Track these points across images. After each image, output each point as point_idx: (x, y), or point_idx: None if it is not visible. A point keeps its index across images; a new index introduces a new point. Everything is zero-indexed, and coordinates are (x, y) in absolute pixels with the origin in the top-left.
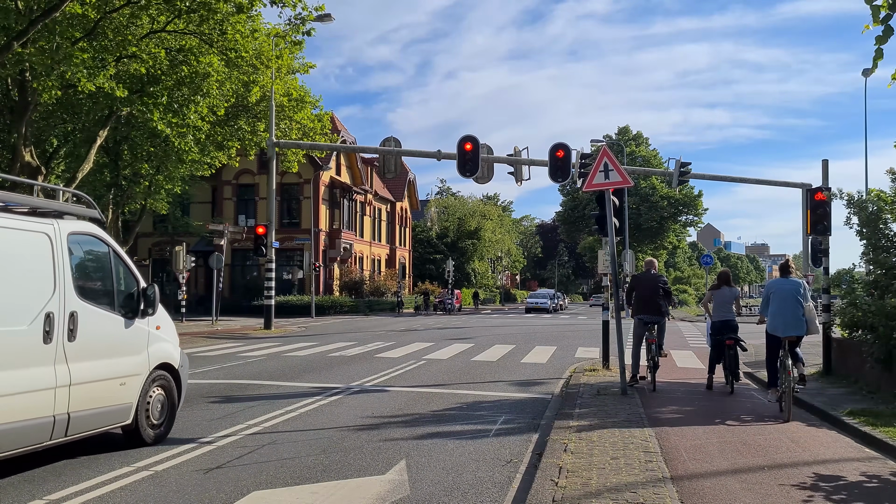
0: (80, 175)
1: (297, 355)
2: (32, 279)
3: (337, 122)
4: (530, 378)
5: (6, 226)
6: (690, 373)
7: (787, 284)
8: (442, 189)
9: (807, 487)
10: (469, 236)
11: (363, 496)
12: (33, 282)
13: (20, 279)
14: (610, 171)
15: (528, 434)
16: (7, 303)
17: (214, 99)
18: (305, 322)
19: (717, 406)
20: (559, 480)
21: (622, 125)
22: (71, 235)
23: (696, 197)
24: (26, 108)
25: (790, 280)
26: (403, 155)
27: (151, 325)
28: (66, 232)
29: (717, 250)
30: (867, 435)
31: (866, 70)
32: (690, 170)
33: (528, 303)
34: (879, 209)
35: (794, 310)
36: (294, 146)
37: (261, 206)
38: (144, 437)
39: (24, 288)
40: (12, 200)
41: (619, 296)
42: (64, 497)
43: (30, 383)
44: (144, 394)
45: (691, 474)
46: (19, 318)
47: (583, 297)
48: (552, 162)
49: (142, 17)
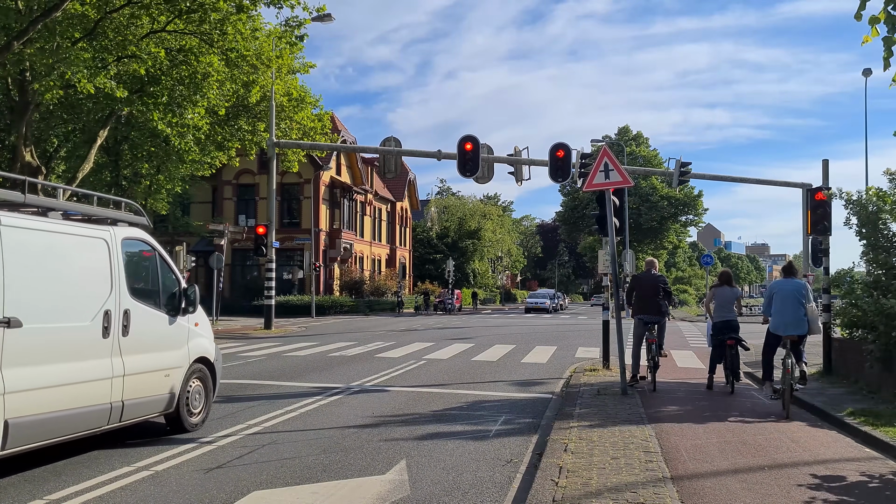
0: (81, 175)
1: (298, 355)
2: (93, 280)
3: (337, 122)
4: (531, 378)
5: (72, 232)
6: (691, 373)
7: (789, 285)
8: (442, 189)
9: (807, 487)
10: (469, 236)
11: (363, 496)
12: (94, 282)
13: (83, 280)
14: (610, 170)
15: (528, 434)
16: (73, 301)
17: (214, 99)
18: (306, 322)
19: (717, 406)
20: (559, 480)
21: (622, 125)
22: (124, 240)
23: (696, 197)
24: (26, 108)
25: (793, 281)
26: (403, 155)
27: (191, 322)
28: (120, 237)
29: (717, 250)
30: (867, 435)
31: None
32: (690, 170)
33: (528, 303)
34: (879, 209)
35: (796, 310)
36: (294, 146)
37: (261, 206)
38: (185, 424)
39: (86, 288)
40: (72, 209)
41: (620, 296)
42: (64, 497)
43: (92, 373)
44: (185, 385)
45: (692, 474)
46: (83, 315)
47: (583, 297)
48: (552, 162)
49: (142, 17)
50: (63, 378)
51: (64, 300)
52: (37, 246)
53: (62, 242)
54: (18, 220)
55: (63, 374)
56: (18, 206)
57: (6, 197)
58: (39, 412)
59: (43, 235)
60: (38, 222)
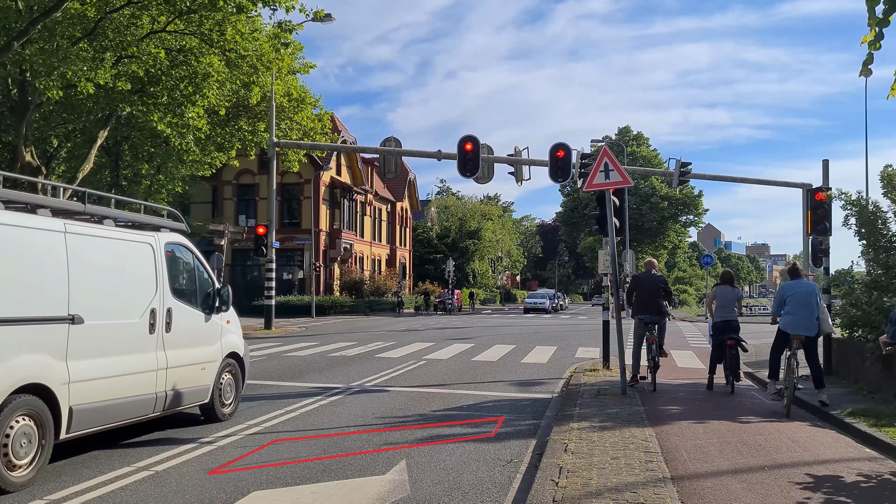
0: (81, 175)
1: (298, 355)
2: (141, 281)
3: (337, 122)
4: (531, 378)
5: (123, 238)
6: (691, 373)
7: (803, 287)
8: (442, 189)
9: (807, 487)
10: (469, 236)
11: (363, 496)
12: (141, 283)
13: (133, 281)
14: (610, 170)
15: (528, 434)
16: (124, 300)
17: (214, 99)
18: (306, 322)
19: (717, 406)
20: (559, 480)
21: (622, 125)
22: (166, 245)
23: (696, 197)
24: (26, 108)
25: (806, 282)
26: (404, 155)
27: (223, 319)
28: (163, 242)
29: (717, 250)
30: (867, 435)
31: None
32: (691, 170)
33: (527, 303)
34: (877, 209)
35: (811, 312)
36: (294, 146)
37: (261, 206)
38: (219, 414)
39: (135, 288)
40: (122, 217)
41: (620, 296)
42: (64, 497)
43: (141, 365)
44: (218, 377)
45: (692, 474)
46: (133, 313)
47: (583, 297)
48: (552, 162)
49: (142, 17)
50: (117, 370)
51: (117, 299)
52: (95, 250)
53: (115, 247)
54: (80, 228)
55: (117, 365)
56: (78, 214)
57: (68, 207)
58: (97, 400)
59: (99, 241)
60: (96, 229)
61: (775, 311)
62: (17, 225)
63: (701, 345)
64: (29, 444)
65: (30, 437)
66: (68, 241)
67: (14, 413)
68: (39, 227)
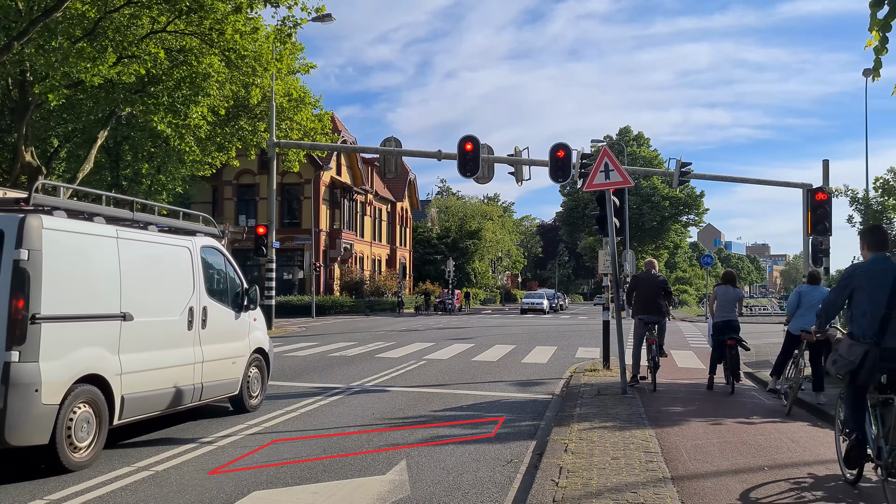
0: (81, 175)
1: (298, 355)
2: (180, 281)
3: (337, 122)
4: (531, 378)
5: (166, 242)
6: (691, 373)
7: (818, 293)
8: (442, 189)
9: (807, 487)
10: (470, 236)
11: (363, 496)
12: (180, 283)
13: (173, 281)
14: (610, 171)
15: (528, 434)
16: (167, 299)
17: (215, 99)
18: (306, 322)
19: (717, 406)
20: (560, 480)
21: (623, 125)
22: (202, 248)
23: (697, 197)
24: (26, 108)
25: (822, 289)
26: (404, 155)
27: (251, 317)
28: (199, 246)
29: (717, 250)
30: None
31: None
32: (691, 170)
33: (524, 303)
34: (884, 207)
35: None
36: (295, 146)
37: (261, 206)
38: (247, 406)
39: (175, 288)
40: (163, 223)
41: (620, 296)
42: (65, 497)
43: (181, 359)
44: (246, 371)
45: (692, 474)
46: (174, 311)
47: (583, 298)
48: (553, 162)
49: (142, 17)
50: (160, 362)
51: (160, 298)
52: (141, 253)
53: (158, 251)
54: (129, 234)
55: (160, 359)
56: (127, 221)
57: (119, 214)
58: (144, 390)
59: (145, 245)
60: (142, 234)
61: (790, 311)
62: (79, 232)
63: (701, 345)
64: (88, 428)
65: (89, 423)
66: (120, 245)
67: (76, 400)
68: (97, 234)
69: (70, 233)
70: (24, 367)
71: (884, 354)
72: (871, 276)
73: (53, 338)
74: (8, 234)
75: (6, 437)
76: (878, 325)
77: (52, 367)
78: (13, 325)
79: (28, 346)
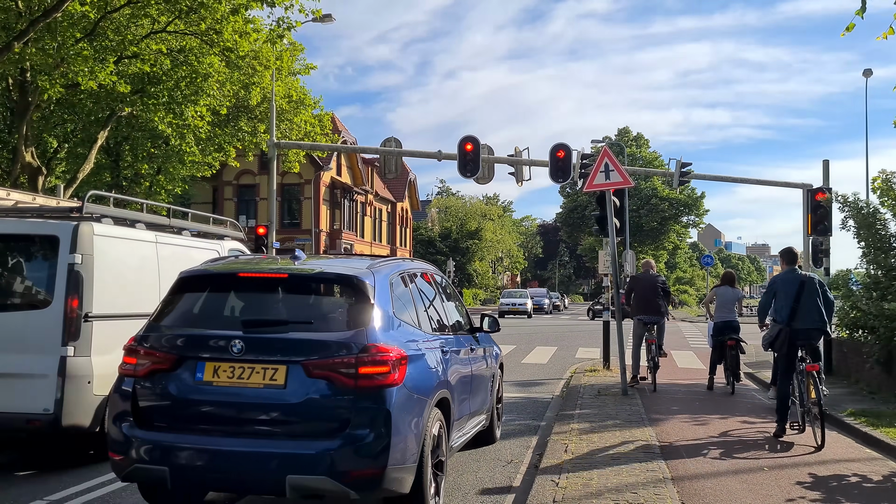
0: (81, 176)
1: None
2: None
3: (338, 123)
4: (531, 378)
5: (198, 246)
6: (691, 373)
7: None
8: (442, 189)
9: (807, 487)
10: (470, 237)
11: None
12: None
13: None
14: (610, 171)
15: (528, 434)
16: None
17: (215, 99)
18: None
19: (717, 406)
20: (560, 481)
21: (622, 126)
22: (229, 251)
23: (698, 198)
24: (26, 108)
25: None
26: (404, 155)
27: None
28: (227, 249)
29: (717, 251)
30: (868, 435)
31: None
32: (692, 170)
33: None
34: (875, 211)
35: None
36: (295, 147)
37: (262, 207)
38: None
39: None
40: (195, 228)
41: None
42: (65, 497)
43: None
44: None
45: (692, 474)
46: None
47: (584, 298)
48: (553, 162)
49: (142, 17)
50: None
51: None
52: (177, 257)
53: (191, 254)
54: (167, 238)
55: None
56: (165, 227)
57: (157, 220)
58: None
59: (180, 249)
60: (178, 239)
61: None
62: (124, 237)
63: (701, 345)
64: None
65: None
66: (159, 249)
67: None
68: (139, 239)
69: (116, 238)
70: (78, 360)
71: (795, 333)
72: (785, 282)
73: (103, 335)
74: (63, 240)
75: (63, 423)
76: (788, 313)
77: (102, 361)
78: (69, 323)
79: (82, 342)
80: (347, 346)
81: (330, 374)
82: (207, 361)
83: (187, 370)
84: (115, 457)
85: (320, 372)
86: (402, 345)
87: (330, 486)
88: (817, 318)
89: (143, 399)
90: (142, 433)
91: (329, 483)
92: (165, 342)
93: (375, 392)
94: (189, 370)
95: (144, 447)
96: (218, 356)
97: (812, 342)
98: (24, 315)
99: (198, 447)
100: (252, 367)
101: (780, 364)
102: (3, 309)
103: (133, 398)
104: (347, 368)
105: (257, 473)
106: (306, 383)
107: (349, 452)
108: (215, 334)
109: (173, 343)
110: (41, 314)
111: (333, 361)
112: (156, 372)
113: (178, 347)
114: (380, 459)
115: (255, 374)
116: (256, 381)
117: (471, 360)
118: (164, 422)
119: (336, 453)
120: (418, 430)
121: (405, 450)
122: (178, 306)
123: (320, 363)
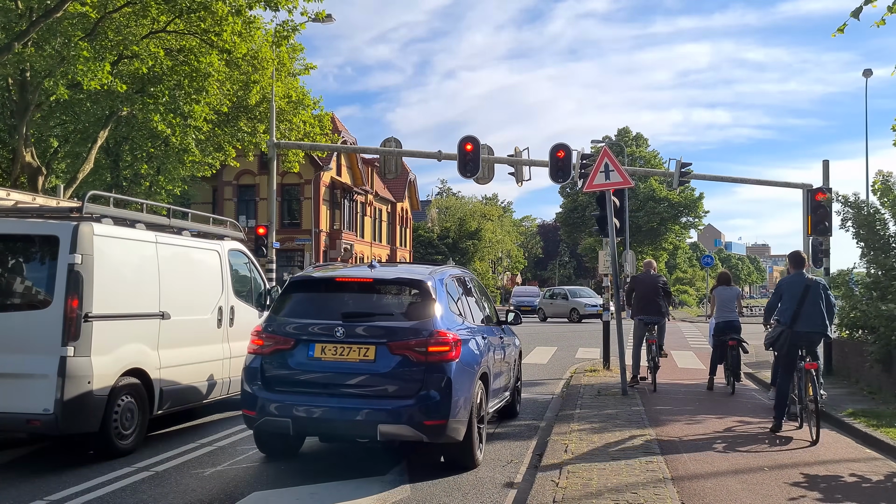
0: (81, 176)
1: None
2: (211, 282)
3: (337, 123)
4: (531, 378)
5: (198, 246)
6: (691, 373)
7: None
8: (442, 189)
9: (807, 488)
10: (470, 237)
11: (363, 496)
12: (211, 284)
13: (205, 282)
14: (610, 171)
15: (528, 434)
16: (199, 299)
17: (215, 99)
18: None
19: (717, 406)
20: (560, 481)
21: (622, 126)
22: (229, 251)
23: (697, 199)
24: (26, 108)
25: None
26: (404, 155)
27: None
28: (227, 249)
29: (717, 251)
30: (868, 435)
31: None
32: (692, 170)
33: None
34: (875, 212)
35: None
36: (295, 147)
37: (261, 207)
38: None
39: (206, 288)
40: (195, 228)
41: (620, 296)
42: (65, 497)
43: (212, 355)
44: None
45: (692, 474)
46: (206, 310)
47: None
48: (553, 162)
49: (142, 17)
50: (194, 358)
51: (193, 298)
52: (177, 257)
53: (191, 254)
54: (167, 238)
55: (193, 354)
56: (165, 227)
57: (157, 221)
58: (179, 383)
59: (180, 249)
60: (178, 239)
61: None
62: (124, 238)
63: (701, 345)
64: (132, 418)
65: (133, 413)
66: (159, 250)
67: (122, 392)
68: (139, 239)
69: (116, 238)
70: (78, 360)
71: (796, 336)
72: (791, 285)
73: (103, 335)
74: (63, 240)
75: (63, 423)
76: (791, 316)
77: (102, 361)
78: (69, 323)
79: (82, 342)
80: (419, 331)
81: (407, 352)
82: (317, 343)
83: (302, 349)
84: (248, 413)
85: (400, 350)
86: (456, 331)
87: (409, 432)
88: (819, 321)
89: (269, 370)
90: (269, 395)
91: (408, 430)
92: (285, 328)
93: (440, 365)
94: (303, 349)
95: (273, 405)
96: (325, 339)
97: (812, 345)
98: (25, 315)
99: (312, 405)
100: (350, 346)
101: (780, 363)
102: (3, 309)
103: (261, 370)
104: (420, 347)
105: (356, 423)
106: (391, 358)
107: (423, 408)
108: (323, 323)
109: (291, 329)
110: (41, 314)
111: (410, 342)
112: (278, 350)
113: (294, 333)
114: (444, 413)
115: (352, 352)
116: (354, 357)
117: (501, 345)
118: (286, 387)
119: (413, 408)
120: (469, 394)
121: (461, 408)
122: (291, 301)
123: (400, 344)
